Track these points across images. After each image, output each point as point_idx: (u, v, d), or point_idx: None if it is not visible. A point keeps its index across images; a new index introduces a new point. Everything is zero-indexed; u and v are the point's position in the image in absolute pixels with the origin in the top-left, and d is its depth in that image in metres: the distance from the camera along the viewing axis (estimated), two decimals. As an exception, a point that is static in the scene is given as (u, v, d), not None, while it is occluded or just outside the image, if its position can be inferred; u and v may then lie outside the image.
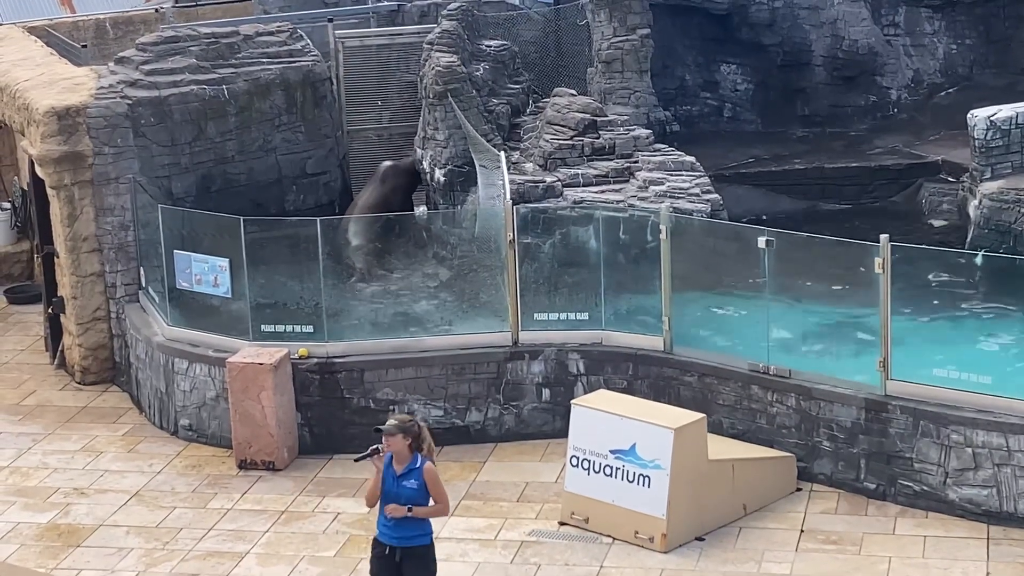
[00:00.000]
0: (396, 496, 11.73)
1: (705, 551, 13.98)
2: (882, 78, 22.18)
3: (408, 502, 11.70)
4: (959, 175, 19.09)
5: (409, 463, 11.76)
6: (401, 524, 11.74)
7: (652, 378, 16.03)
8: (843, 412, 14.86)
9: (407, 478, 11.73)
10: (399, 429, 11.69)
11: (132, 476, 16.06)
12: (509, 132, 19.49)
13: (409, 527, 11.77)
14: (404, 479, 11.73)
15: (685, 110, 22.06)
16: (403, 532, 11.78)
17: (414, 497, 11.71)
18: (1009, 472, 14.07)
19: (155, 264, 17.62)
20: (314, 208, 19.31)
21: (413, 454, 11.77)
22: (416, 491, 11.73)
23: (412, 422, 11.85)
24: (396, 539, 11.80)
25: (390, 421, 11.84)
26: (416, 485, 11.73)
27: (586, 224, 16.73)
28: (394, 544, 11.81)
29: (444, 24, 19.79)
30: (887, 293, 14.59)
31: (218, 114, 18.98)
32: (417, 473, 11.74)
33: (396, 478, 11.76)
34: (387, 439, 11.69)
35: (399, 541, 11.79)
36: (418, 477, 11.74)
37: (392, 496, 11.74)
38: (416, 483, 11.73)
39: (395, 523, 11.75)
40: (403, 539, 11.79)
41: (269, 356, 16.06)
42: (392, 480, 11.76)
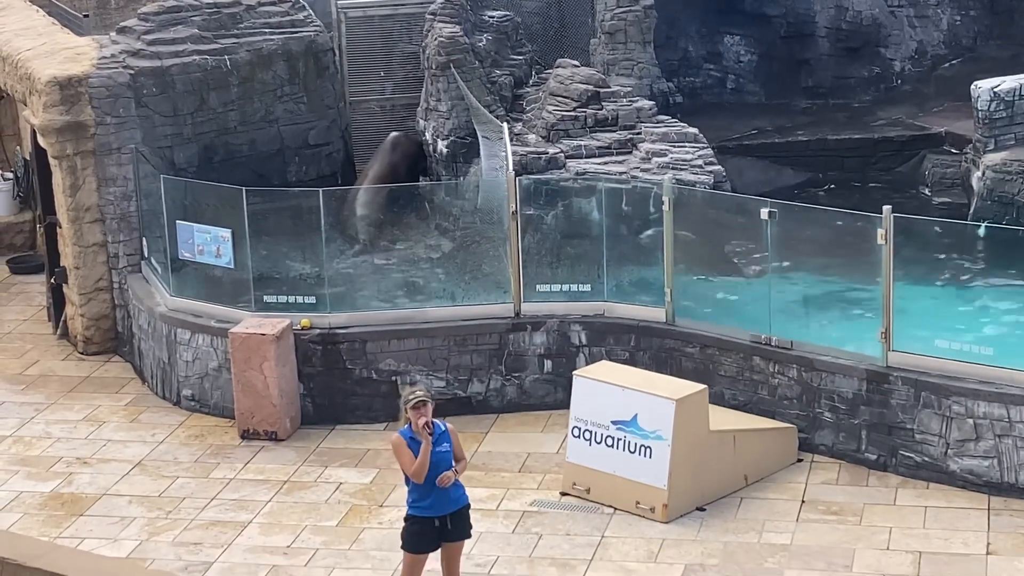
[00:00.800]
0: (437, 464, 11.89)
1: (706, 521, 14.01)
2: (886, 49, 22.14)
3: (447, 465, 11.92)
4: (962, 147, 19.08)
5: (434, 428, 11.96)
6: (450, 489, 11.92)
7: (654, 349, 16.04)
8: (844, 383, 14.87)
9: (439, 443, 11.93)
10: (432, 398, 11.99)
11: (135, 446, 16.10)
12: (512, 103, 19.47)
13: (456, 489, 12.00)
14: (437, 444, 11.92)
15: (688, 81, 22.03)
16: (453, 495, 11.98)
17: (449, 460, 11.96)
18: (1010, 443, 14.09)
19: (157, 235, 17.63)
20: (316, 179, 19.31)
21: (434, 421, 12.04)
22: (449, 453, 11.99)
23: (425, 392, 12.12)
24: (449, 503, 11.97)
25: (417, 392, 11.98)
26: (448, 448, 11.98)
27: (589, 195, 16.72)
28: (450, 512, 11.98)
29: (447, -6, 19.75)
30: (889, 264, 14.58)
31: (220, 84, 18.96)
32: (446, 436, 11.99)
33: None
34: (423, 411, 11.81)
35: (455, 504, 12.01)
36: (448, 440, 11.99)
37: (433, 465, 11.88)
38: (448, 446, 11.98)
39: (448, 491, 11.90)
40: (454, 502, 12.01)
41: (271, 327, 16.07)
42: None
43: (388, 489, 14.86)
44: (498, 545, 13.73)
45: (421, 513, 12.00)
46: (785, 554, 13.41)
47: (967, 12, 22.46)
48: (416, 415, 11.83)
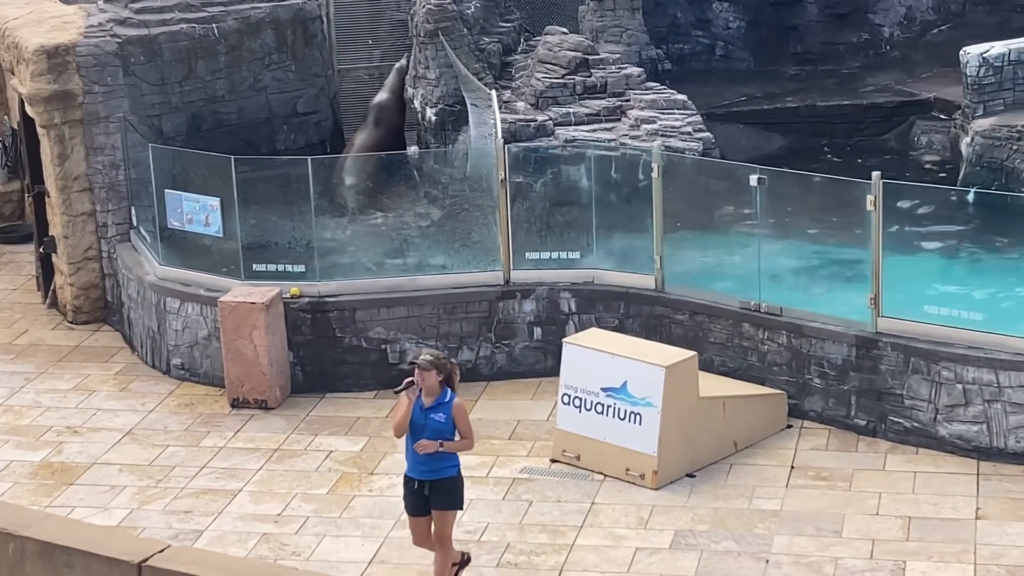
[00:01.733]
0: (423, 428, 11.93)
1: (696, 488, 14.04)
2: (874, 15, 22.10)
3: (435, 435, 11.91)
4: (951, 112, 19.06)
5: (439, 397, 11.96)
6: (430, 457, 11.97)
7: (643, 316, 16.05)
8: (834, 349, 14.90)
9: (436, 411, 11.94)
10: (433, 364, 11.92)
11: (125, 415, 16.10)
12: (500, 71, 19.42)
13: (437, 460, 11.99)
14: (433, 412, 11.93)
15: (677, 48, 21.97)
16: (432, 465, 12.00)
17: (441, 430, 11.93)
18: (999, 408, 14.12)
19: (146, 203, 17.59)
20: (305, 148, 19.27)
21: (443, 389, 11.99)
22: (444, 424, 11.94)
23: (445, 359, 12.08)
24: (425, 472, 12.03)
25: (423, 356, 12.04)
26: (444, 419, 11.94)
27: (578, 163, 16.71)
28: (423, 478, 12.05)
29: (435, -38, 19.67)
30: (878, 230, 14.59)
31: (208, 53, 18.90)
32: (447, 407, 11.96)
33: (424, 410, 11.95)
34: (421, 373, 11.90)
35: (428, 474, 12.03)
36: (447, 411, 11.95)
37: (419, 428, 11.94)
38: (444, 417, 11.95)
39: (425, 457, 11.97)
40: (431, 472, 12.02)
41: (261, 295, 16.06)
42: (420, 412, 11.96)
43: (378, 457, 14.88)
44: (488, 512, 13.76)
45: (407, 471, 12.17)
46: (775, 520, 13.44)
47: (956, -23, 22.44)
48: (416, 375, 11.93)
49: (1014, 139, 17.26)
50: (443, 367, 11.99)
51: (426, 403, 11.97)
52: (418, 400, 11.98)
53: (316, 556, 13.26)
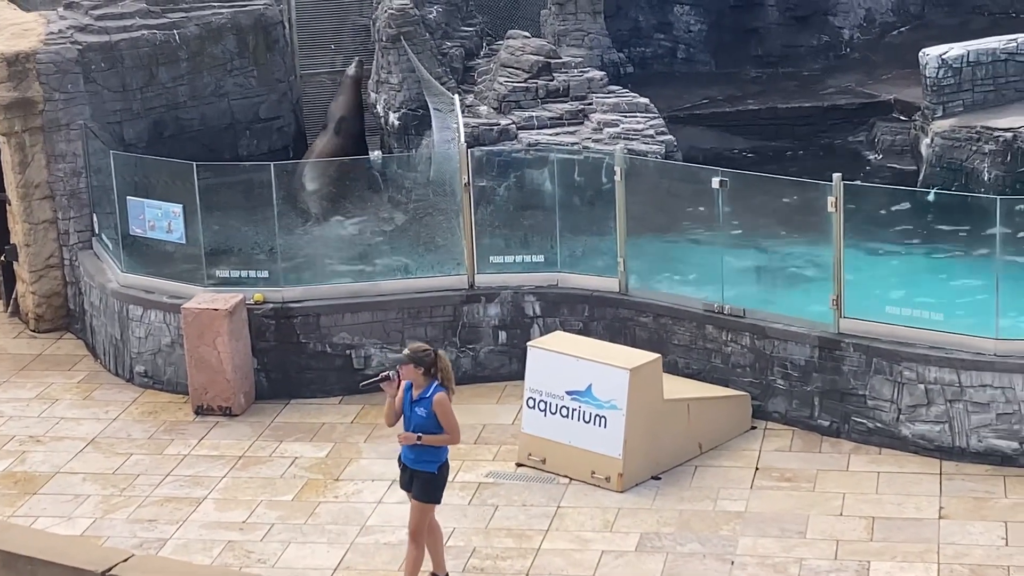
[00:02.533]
0: (409, 420, 12.19)
1: (661, 490, 14.07)
2: (834, 18, 22.21)
3: (417, 429, 12.14)
4: (911, 114, 19.17)
5: (424, 390, 12.14)
6: (413, 448, 12.22)
7: (608, 319, 16.08)
8: (797, 350, 14.96)
9: (419, 405, 12.15)
10: (409, 358, 12.14)
11: (88, 423, 16.04)
12: (463, 75, 19.45)
13: (418, 452, 12.24)
14: (417, 405, 12.16)
15: (639, 52, 22.04)
16: (415, 455, 12.27)
17: (423, 424, 12.13)
18: (961, 408, 14.20)
19: (108, 211, 17.53)
20: (267, 153, 19.24)
21: (430, 382, 12.14)
22: (425, 419, 12.12)
23: (427, 351, 12.22)
24: (409, 460, 12.33)
25: (405, 349, 12.28)
26: (425, 413, 12.13)
27: (541, 167, 16.73)
28: (408, 465, 12.34)
29: (397, -34, 19.68)
30: (840, 231, 14.66)
31: (169, 59, 18.86)
32: (427, 402, 12.12)
33: (412, 403, 12.17)
34: (401, 368, 12.16)
35: (411, 463, 12.33)
36: (427, 406, 12.11)
37: (407, 420, 12.22)
38: (425, 411, 12.13)
39: (408, 446, 12.23)
40: (414, 461, 12.30)
41: (224, 302, 16.03)
42: (408, 405, 12.19)
43: (343, 463, 14.87)
44: (454, 517, 13.76)
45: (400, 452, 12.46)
46: (740, 521, 13.49)
47: (915, -21, 22.57)
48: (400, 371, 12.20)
49: (973, 140, 17.37)
50: (421, 360, 12.11)
51: (414, 394, 12.21)
52: (408, 390, 12.19)
53: (281, 563, 13.23)
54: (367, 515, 13.89)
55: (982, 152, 17.29)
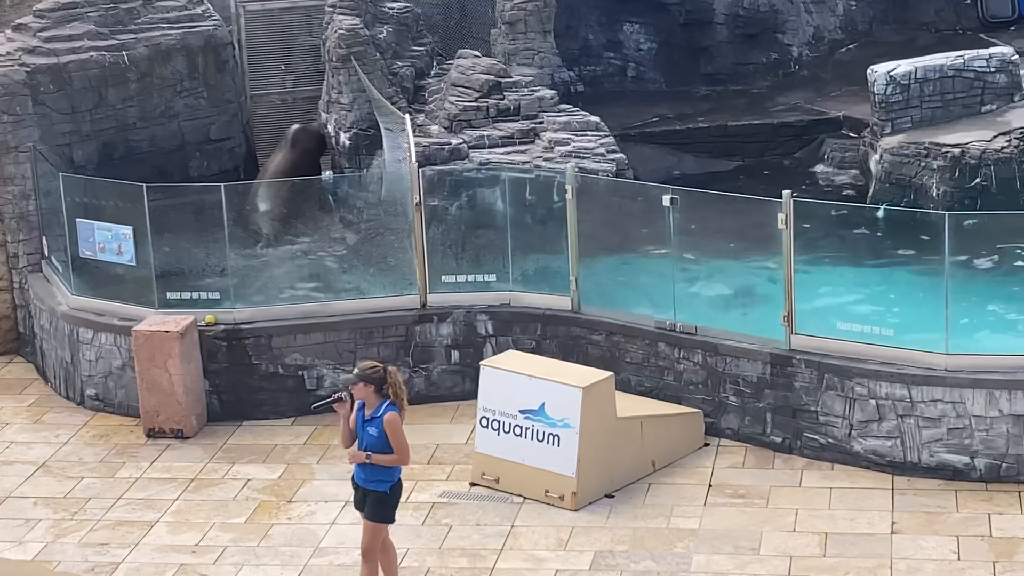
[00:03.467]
0: (360, 439, 12.14)
1: (615, 508, 14.08)
2: (783, 35, 22.34)
3: (368, 448, 12.09)
4: (860, 130, 19.28)
5: (375, 409, 12.09)
6: (365, 467, 12.18)
7: (560, 338, 16.09)
8: (749, 367, 15.01)
9: (371, 424, 12.09)
10: (359, 377, 12.10)
11: (39, 447, 15.93)
12: (414, 95, 19.45)
13: (369, 471, 12.19)
14: (369, 425, 12.10)
15: (589, 70, 22.10)
16: (366, 475, 12.23)
17: (374, 443, 12.07)
18: (912, 423, 14.27)
19: (58, 233, 17.44)
20: (218, 174, 19.19)
21: (381, 400, 12.09)
22: (376, 438, 12.06)
23: (376, 369, 12.16)
24: (361, 480, 12.28)
25: (356, 369, 12.23)
26: (376, 433, 12.06)
27: (492, 186, 16.74)
28: (359, 484, 12.29)
29: (346, -13, 19.68)
30: (790, 248, 14.72)
31: (119, 80, 18.79)
32: (378, 422, 12.07)
33: (364, 422, 12.13)
34: (352, 388, 12.12)
35: (363, 483, 12.28)
36: (378, 425, 12.06)
37: (359, 439, 12.17)
38: (376, 431, 12.06)
39: (360, 465, 12.19)
40: (365, 481, 12.26)
41: (175, 324, 15.96)
42: (361, 424, 12.14)
43: (296, 485, 14.82)
44: (408, 537, 13.72)
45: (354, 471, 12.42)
46: (693, 538, 13.51)
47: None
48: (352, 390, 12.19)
49: (922, 156, 17.48)
50: (370, 378, 12.08)
51: (366, 413, 12.16)
52: (360, 410, 12.14)
53: (235, 586, 13.18)
54: (321, 536, 13.85)
55: (930, 168, 17.40)
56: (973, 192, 17.12)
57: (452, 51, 20.11)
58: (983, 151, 17.22)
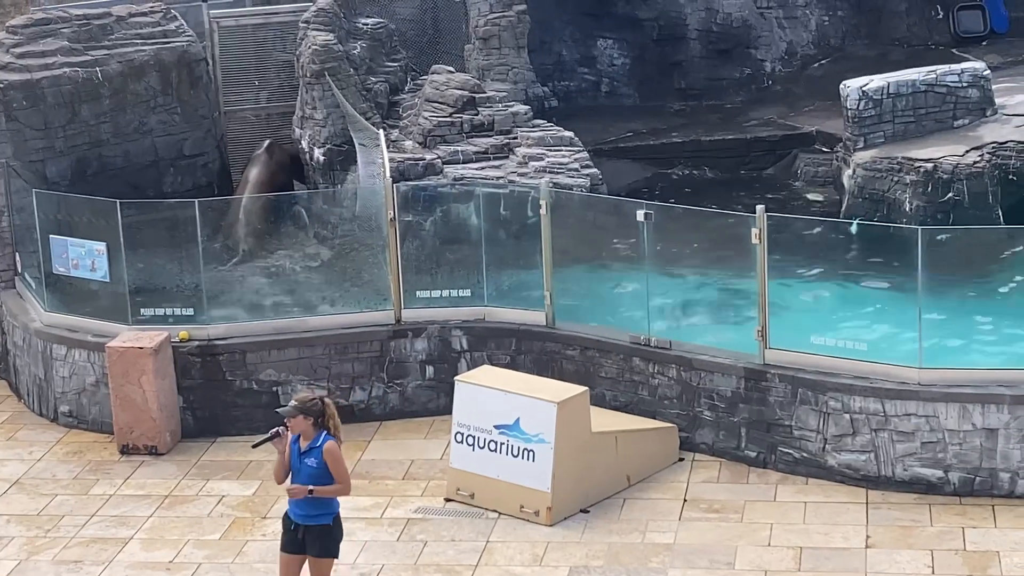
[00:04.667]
0: (298, 473, 11.80)
1: (590, 523, 14.08)
2: (756, 51, 22.43)
3: (309, 480, 11.74)
4: (833, 145, 19.36)
5: (312, 440, 11.80)
6: (303, 502, 11.83)
7: (535, 353, 16.10)
8: (723, 382, 15.03)
9: (309, 456, 11.77)
10: (298, 410, 11.74)
11: (12, 464, 15.87)
12: (388, 110, 19.46)
13: (310, 506, 11.83)
14: (306, 457, 11.78)
15: (563, 85, 22.15)
16: (305, 510, 11.85)
17: (314, 475, 11.75)
18: (886, 437, 14.31)
19: (31, 249, 17.39)
20: (192, 190, 19.16)
21: (318, 431, 11.80)
22: (316, 469, 11.75)
23: (314, 400, 11.86)
24: (300, 516, 11.88)
25: (292, 401, 11.88)
26: (316, 464, 11.75)
27: (467, 201, 16.75)
28: (298, 522, 11.90)
29: (320, 2, 19.68)
30: (764, 263, 14.76)
31: (92, 96, 18.76)
32: (318, 452, 11.76)
33: (300, 455, 11.80)
34: (288, 420, 11.76)
35: (302, 519, 11.88)
36: (318, 456, 11.75)
37: (296, 473, 11.82)
38: (316, 462, 11.75)
39: (298, 501, 11.83)
40: (305, 517, 11.87)
41: (149, 340, 15.93)
42: (297, 457, 11.82)
43: (271, 501, 14.78)
44: (383, 553, 13.71)
45: (287, 511, 12.00)
46: (669, 553, 13.52)
47: (835, 12, 22.81)
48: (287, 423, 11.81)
49: (895, 171, 17.55)
50: (309, 410, 11.74)
51: (302, 446, 11.81)
52: (295, 444, 11.82)
53: (210, 602, 13.14)
54: (295, 553, 13.80)
55: (903, 183, 17.47)
56: (946, 207, 17.19)
57: (426, 67, 20.14)
58: (955, 166, 17.29)
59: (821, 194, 19.19)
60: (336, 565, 13.02)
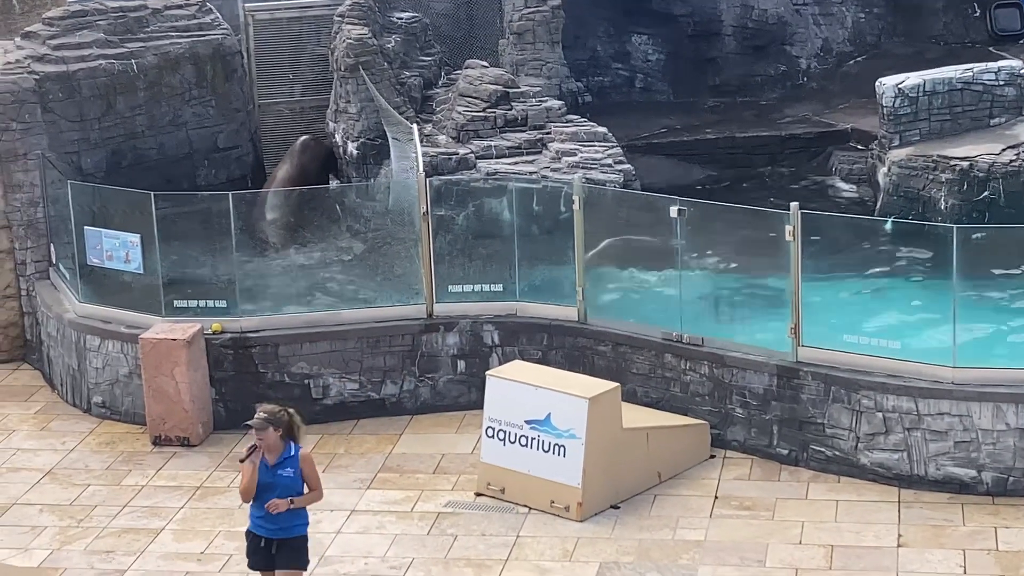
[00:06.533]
0: (273, 486, 11.61)
1: (620, 519, 14.07)
2: (791, 47, 22.35)
3: (286, 491, 11.60)
4: (868, 143, 19.28)
5: (283, 452, 11.64)
6: (279, 515, 11.65)
7: (566, 348, 16.09)
8: (755, 379, 14.99)
9: (283, 467, 11.62)
10: (269, 422, 11.60)
11: (45, 454, 15.94)
12: (421, 104, 19.46)
13: (287, 518, 11.68)
14: (280, 468, 11.62)
15: (597, 81, 22.11)
16: (281, 523, 11.70)
17: (291, 485, 11.63)
18: (919, 436, 14.25)
19: (66, 241, 17.46)
20: (226, 183, 19.20)
21: (286, 443, 11.66)
22: (293, 479, 11.63)
23: (281, 411, 11.70)
24: (274, 531, 11.71)
25: (258, 415, 11.70)
26: (292, 473, 11.62)
27: (499, 196, 16.75)
28: (271, 536, 11.74)
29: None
30: (797, 260, 14.72)
31: (127, 89, 18.82)
32: (293, 461, 11.64)
33: (270, 468, 11.63)
34: (259, 434, 11.61)
35: (276, 532, 11.72)
36: (294, 465, 11.63)
37: (268, 487, 11.62)
38: (292, 471, 11.62)
39: (269, 515, 11.65)
40: (281, 530, 11.71)
41: (182, 332, 15.97)
42: (267, 471, 11.64)
43: (302, 493, 14.80)
44: (413, 547, 13.72)
45: (251, 527, 11.82)
46: (699, 550, 13.49)
47: (871, 9, 22.71)
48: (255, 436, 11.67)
49: (930, 168, 17.48)
50: (279, 422, 11.61)
51: (270, 461, 11.64)
52: (263, 460, 11.65)
53: (240, 594, 13.17)
54: (326, 545, 13.84)
55: (939, 181, 17.40)
56: (981, 205, 17.12)
57: (460, 61, 20.13)
58: (991, 164, 17.22)
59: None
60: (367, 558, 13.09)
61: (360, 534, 13.97)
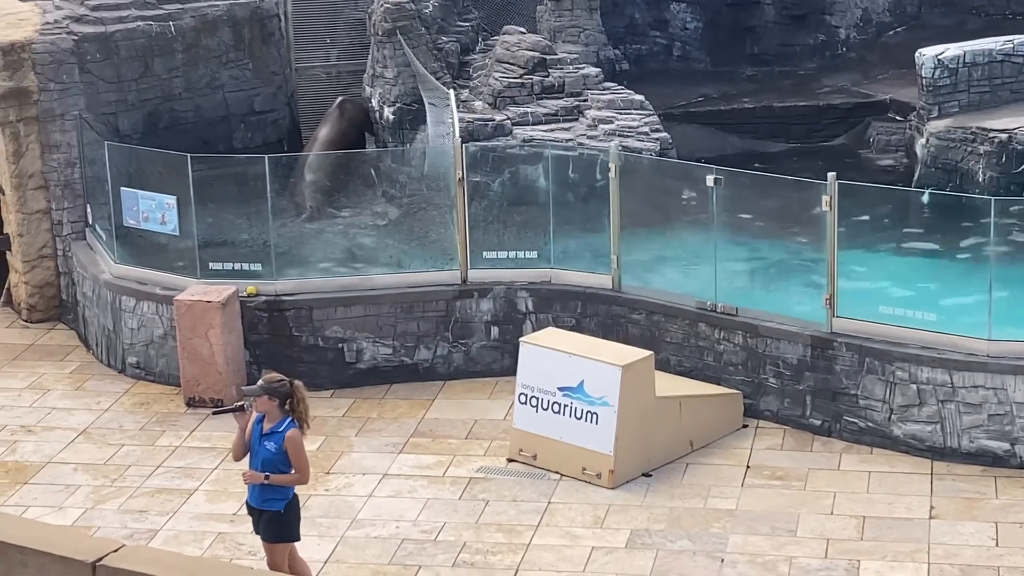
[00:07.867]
0: (256, 455, 11.61)
1: (652, 487, 14.08)
2: (831, 17, 22.21)
3: (264, 464, 11.56)
4: (907, 114, 19.18)
5: (276, 424, 11.60)
6: (258, 486, 11.66)
7: (600, 316, 16.08)
8: (789, 349, 14.96)
9: (269, 439, 11.57)
10: (263, 390, 11.55)
11: (80, 414, 16.03)
12: (458, 70, 19.44)
13: (264, 490, 11.67)
14: (267, 439, 11.58)
15: (635, 48, 22.03)
16: (260, 494, 11.71)
17: (271, 459, 11.56)
18: (953, 408, 14.21)
19: (102, 201, 17.52)
20: (262, 146, 19.23)
21: (284, 415, 11.61)
22: (274, 454, 11.56)
23: (282, 382, 11.64)
24: (255, 500, 11.75)
25: (260, 380, 11.70)
26: (275, 448, 11.55)
27: (535, 162, 16.73)
28: (251, 504, 11.81)
29: (393, -40, 19.66)
30: (834, 231, 14.66)
31: (165, 51, 18.84)
32: (279, 437, 11.56)
33: (262, 436, 11.61)
34: (255, 400, 11.57)
35: (256, 502, 11.75)
36: (279, 441, 11.55)
37: (254, 454, 11.63)
38: (275, 446, 11.55)
39: (252, 485, 11.70)
40: (259, 500, 11.73)
41: (217, 294, 16.01)
42: (258, 438, 11.62)
43: (335, 457, 14.86)
44: (445, 512, 13.76)
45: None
46: (730, 519, 13.49)
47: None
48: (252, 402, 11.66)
49: (968, 141, 17.38)
50: (275, 391, 11.54)
51: (265, 427, 11.61)
52: (258, 423, 11.63)
53: (272, 555, 13.20)
54: (358, 508, 13.89)
55: (977, 153, 17.30)
56: (1020, 178, 17.01)
57: (498, 27, 20.09)
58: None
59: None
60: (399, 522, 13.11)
61: (392, 498, 14.01)
